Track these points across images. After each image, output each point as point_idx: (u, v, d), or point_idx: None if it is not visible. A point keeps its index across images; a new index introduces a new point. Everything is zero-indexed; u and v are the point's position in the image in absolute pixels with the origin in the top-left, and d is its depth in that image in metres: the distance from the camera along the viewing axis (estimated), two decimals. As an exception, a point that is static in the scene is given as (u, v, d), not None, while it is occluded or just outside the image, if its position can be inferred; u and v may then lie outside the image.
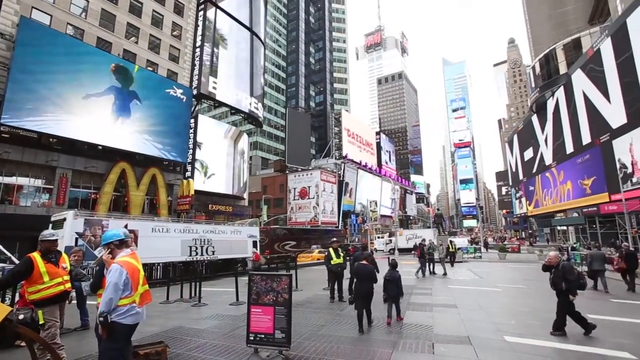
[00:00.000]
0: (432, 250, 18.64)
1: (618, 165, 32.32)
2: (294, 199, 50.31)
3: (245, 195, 42.03)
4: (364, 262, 7.52)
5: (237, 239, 20.65)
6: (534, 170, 64.98)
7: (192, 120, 33.61)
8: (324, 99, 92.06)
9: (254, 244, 21.65)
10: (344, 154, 59.46)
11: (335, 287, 10.57)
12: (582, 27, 78.55)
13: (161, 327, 7.66)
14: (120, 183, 26.37)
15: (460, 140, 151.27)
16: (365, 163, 64.26)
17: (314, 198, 48.30)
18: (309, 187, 49.12)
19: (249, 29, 41.38)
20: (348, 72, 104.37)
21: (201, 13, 35.90)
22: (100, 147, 25.54)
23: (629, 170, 31.86)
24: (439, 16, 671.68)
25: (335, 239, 11.43)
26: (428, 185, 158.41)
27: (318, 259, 24.91)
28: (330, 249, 10.52)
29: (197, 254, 17.61)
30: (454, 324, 7.56)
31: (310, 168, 53.55)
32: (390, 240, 42.03)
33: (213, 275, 17.70)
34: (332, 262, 10.28)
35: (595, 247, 16.18)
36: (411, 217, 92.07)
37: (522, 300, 10.78)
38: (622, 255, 12.72)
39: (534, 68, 73.75)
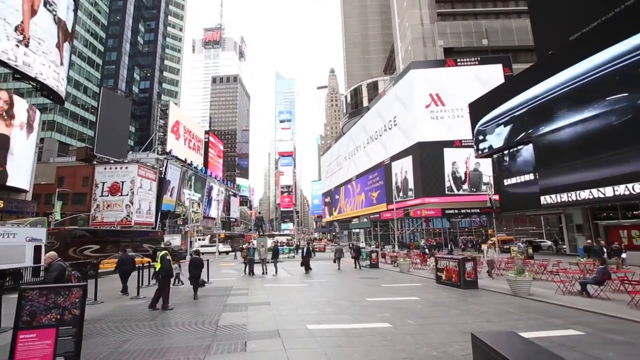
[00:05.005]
0: (253, 252, 19.49)
1: (451, 171, 42.80)
2: (102, 195, 42.10)
3: (29, 187, 31.84)
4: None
5: (9, 244, 15.56)
6: (340, 182, 77.55)
7: None
8: (151, 86, 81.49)
9: (36, 249, 16.80)
10: (168, 150, 54.25)
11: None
12: (379, 73, 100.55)
13: None
14: None
15: (284, 149, 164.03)
16: (191, 161, 60.66)
17: (127, 195, 41.81)
18: (122, 182, 42.17)
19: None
20: (182, 64, 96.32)
21: None
22: None
23: (462, 177, 42.54)
24: (278, 33, 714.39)
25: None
26: (252, 189, 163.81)
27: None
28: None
29: None
30: (266, 320, 8.20)
31: (126, 161, 46.12)
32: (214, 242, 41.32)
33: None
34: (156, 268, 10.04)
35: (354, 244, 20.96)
36: (234, 220, 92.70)
37: (322, 293, 12.72)
38: (356, 248, 21.96)
39: (346, 97, 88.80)
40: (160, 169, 49.82)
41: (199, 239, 50.27)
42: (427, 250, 24.59)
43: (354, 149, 68.30)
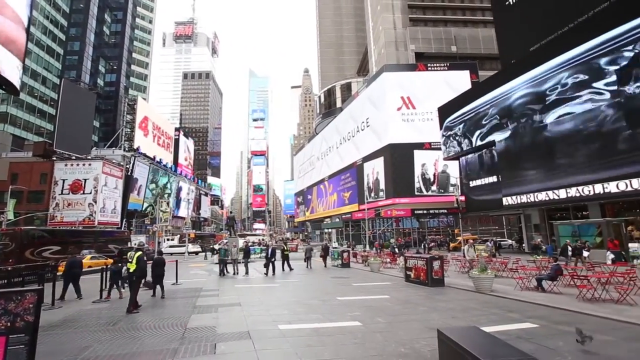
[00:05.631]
0: (224, 252, 19.19)
1: (420, 172, 43.88)
2: (62, 194, 39.74)
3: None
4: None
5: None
6: (312, 182, 77.72)
7: None
8: (118, 79, 77.66)
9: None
10: (135, 146, 52.05)
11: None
12: (353, 74, 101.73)
13: None
14: None
15: (257, 148, 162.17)
16: (160, 159, 58.59)
17: (91, 193, 39.75)
18: (85, 180, 40.03)
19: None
20: (151, 57, 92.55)
21: None
22: None
23: (431, 179, 43.87)
24: (252, 30, 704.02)
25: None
26: (224, 189, 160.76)
27: (90, 266, 20.61)
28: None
29: None
30: (236, 321, 8.10)
31: (89, 157, 43.78)
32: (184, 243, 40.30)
33: None
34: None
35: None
36: (204, 219, 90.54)
37: (293, 293, 12.72)
38: (324, 247, 22.86)
39: (320, 97, 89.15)
40: (127, 166, 47.75)
41: (168, 239, 48.67)
42: (396, 250, 25.19)
43: (326, 149, 68.69)
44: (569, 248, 15.51)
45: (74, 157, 42.10)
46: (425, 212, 43.41)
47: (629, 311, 8.00)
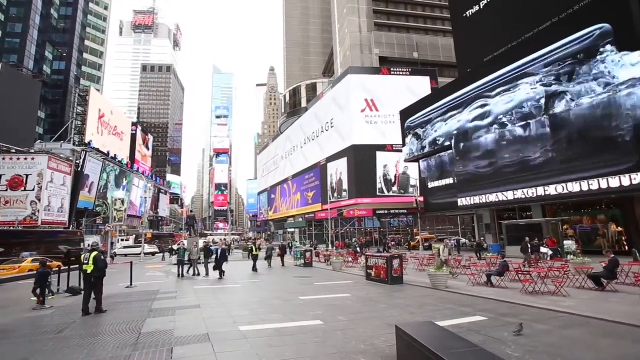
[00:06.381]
0: (183, 252, 18.55)
1: (382, 173, 44.68)
2: (-3, 190, 36.23)
3: None
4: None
5: None
6: (276, 182, 77.16)
7: None
8: (68, 67, 71.71)
9: None
10: (87, 140, 48.63)
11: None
12: (319, 75, 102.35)
13: None
14: None
15: (220, 146, 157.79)
16: (115, 155, 55.21)
17: (34, 190, 36.56)
18: (27, 175, 36.73)
19: None
20: (106, 46, 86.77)
21: None
22: None
23: (393, 180, 44.88)
24: (217, 25, 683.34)
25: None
26: (184, 187, 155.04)
27: (31, 270, 18.78)
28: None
29: None
30: (195, 324, 7.86)
31: (33, 151, 40.22)
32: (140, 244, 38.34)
33: None
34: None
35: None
36: (163, 218, 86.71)
37: (255, 293, 12.58)
38: (282, 247, 24.19)
39: (285, 97, 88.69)
40: (77, 161, 44.46)
41: (122, 239, 46.05)
42: (358, 249, 25.71)
43: (291, 149, 68.48)
44: (529, 246, 16.54)
45: (13, 150, 38.48)
46: (386, 212, 44.69)
47: (564, 302, 8.82)
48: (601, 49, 17.39)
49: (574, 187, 18.56)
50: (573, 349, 5.46)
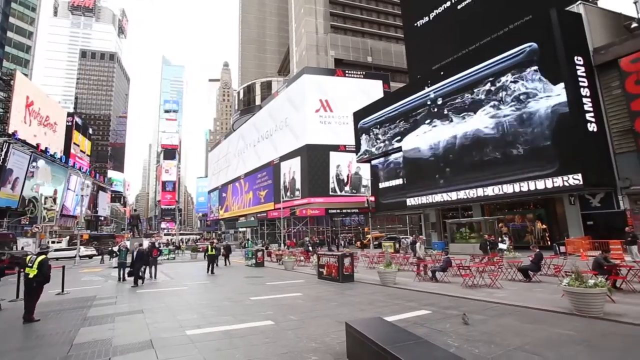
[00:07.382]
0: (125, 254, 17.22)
1: (335, 173, 45.06)
2: None
3: None
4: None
5: None
6: (228, 180, 75.04)
7: None
8: (-15, 46, 63.41)
9: None
10: (10, 131, 43.21)
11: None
12: (274, 73, 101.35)
13: None
14: None
15: (168, 142, 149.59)
16: (47, 148, 49.78)
17: None
18: None
19: None
20: (37, 26, 77.81)
21: None
22: None
23: (345, 180, 45.34)
24: (167, 14, 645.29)
25: None
26: (128, 184, 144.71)
27: None
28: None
29: None
30: (137, 330, 7.36)
31: None
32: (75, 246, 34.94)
33: None
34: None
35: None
36: (102, 218, 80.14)
37: (203, 295, 12.11)
38: (225, 246, 23.85)
39: (239, 93, 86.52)
40: (-2, 154, 39.35)
41: (54, 242, 41.72)
42: (310, 248, 25.85)
43: (244, 147, 67.01)
44: (488, 243, 17.62)
45: None
46: (338, 211, 45.50)
47: (498, 293, 9.66)
48: (531, 67, 19.29)
49: (508, 188, 20.39)
50: (504, 335, 5.98)
